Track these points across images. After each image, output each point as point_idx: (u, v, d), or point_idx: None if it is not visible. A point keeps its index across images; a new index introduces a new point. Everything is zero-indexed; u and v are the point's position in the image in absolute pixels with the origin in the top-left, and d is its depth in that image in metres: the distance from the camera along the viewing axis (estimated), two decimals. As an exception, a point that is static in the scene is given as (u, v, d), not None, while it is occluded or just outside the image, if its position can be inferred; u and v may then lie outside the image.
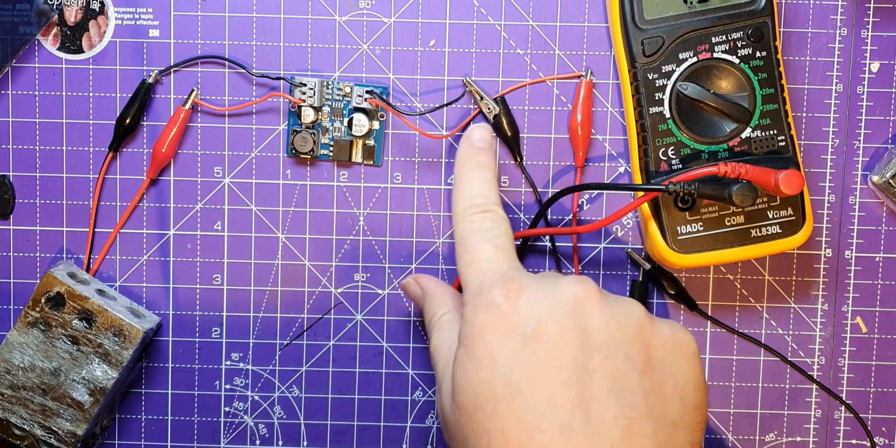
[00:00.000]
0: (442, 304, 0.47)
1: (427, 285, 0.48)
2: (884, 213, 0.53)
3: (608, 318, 0.41)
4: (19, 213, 0.53)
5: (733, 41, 0.49)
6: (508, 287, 0.41)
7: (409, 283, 0.50)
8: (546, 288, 0.42)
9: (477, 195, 0.46)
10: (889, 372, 0.53)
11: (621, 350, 0.40)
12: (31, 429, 0.51)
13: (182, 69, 0.52)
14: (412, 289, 0.49)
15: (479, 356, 0.40)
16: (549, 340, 0.40)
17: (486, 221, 0.45)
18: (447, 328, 0.45)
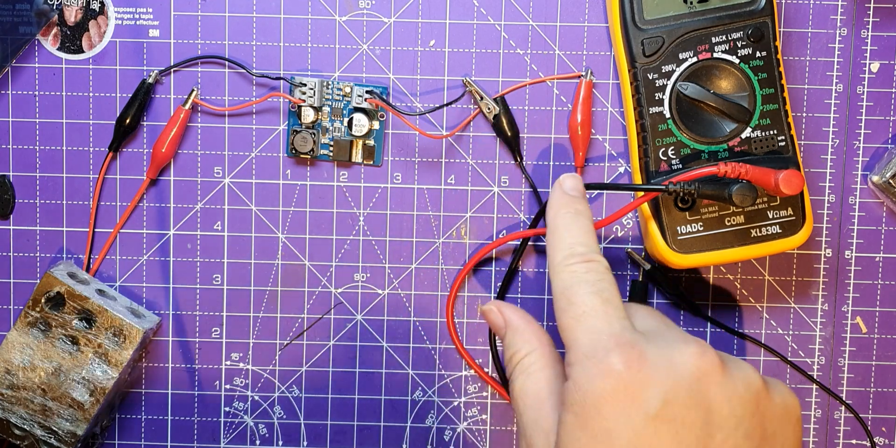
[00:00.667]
0: (527, 343, 0.44)
1: (511, 318, 0.45)
2: (884, 213, 0.53)
3: (730, 394, 0.39)
4: (19, 213, 0.53)
5: (733, 41, 0.49)
6: (629, 354, 0.38)
7: (491, 311, 0.46)
8: (668, 358, 0.39)
9: (577, 243, 0.43)
10: (889, 372, 0.53)
11: (741, 427, 0.39)
12: (31, 429, 0.51)
13: (182, 69, 0.52)
14: (493, 317, 0.46)
15: (595, 430, 0.38)
16: (673, 420, 0.38)
17: (591, 273, 0.42)
18: (535, 371, 0.43)
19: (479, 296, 0.53)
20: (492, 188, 0.53)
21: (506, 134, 0.52)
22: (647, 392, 0.38)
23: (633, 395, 0.38)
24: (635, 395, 0.38)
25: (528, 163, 0.53)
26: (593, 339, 0.39)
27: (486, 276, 0.53)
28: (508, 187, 0.53)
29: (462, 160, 0.53)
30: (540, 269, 0.53)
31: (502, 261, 0.53)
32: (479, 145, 0.53)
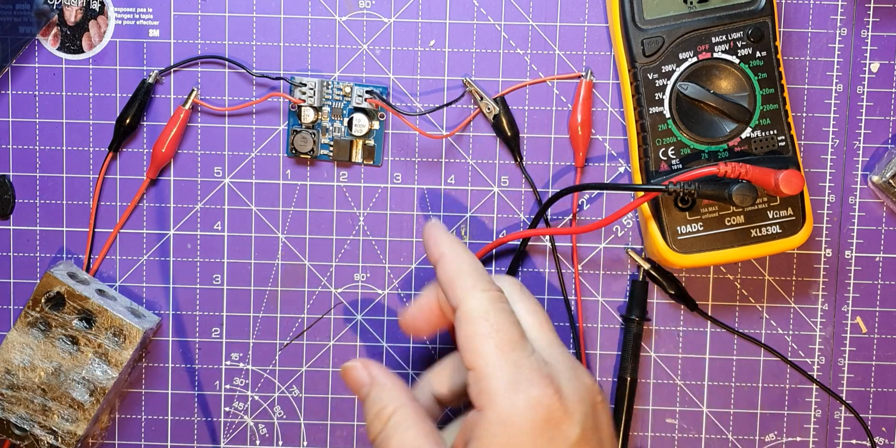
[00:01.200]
0: (395, 398, 0.43)
1: (377, 374, 0.44)
2: (884, 213, 0.53)
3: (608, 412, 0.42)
4: (19, 213, 0.53)
5: (733, 41, 0.49)
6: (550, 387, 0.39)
7: (355, 368, 0.45)
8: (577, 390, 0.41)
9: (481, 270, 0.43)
10: (889, 372, 0.53)
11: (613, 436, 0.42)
12: (31, 429, 0.51)
13: (182, 69, 0.52)
14: (357, 374, 0.45)
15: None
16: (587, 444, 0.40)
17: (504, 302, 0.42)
18: (411, 425, 0.42)
19: (479, 296, 0.53)
20: (492, 188, 0.53)
21: (506, 134, 0.52)
22: (568, 422, 0.39)
23: (556, 426, 0.39)
24: (558, 425, 0.39)
25: (528, 163, 0.53)
26: (516, 372, 0.40)
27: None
28: (508, 187, 0.53)
29: (462, 160, 0.53)
30: (540, 269, 0.53)
31: (502, 261, 0.53)
32: (479, 145, 0.53)
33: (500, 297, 0.42)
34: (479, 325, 0.41)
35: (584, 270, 0.53)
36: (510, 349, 0.40)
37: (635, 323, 0.52)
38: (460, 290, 0.42)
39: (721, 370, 0.53)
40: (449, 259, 0.43)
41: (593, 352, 0.53)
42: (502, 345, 0.40)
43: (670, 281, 0.53)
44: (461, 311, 0.41)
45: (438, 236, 0.44)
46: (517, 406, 0.39)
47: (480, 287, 0.42)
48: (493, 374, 0.40)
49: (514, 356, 0.40)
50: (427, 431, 0.42)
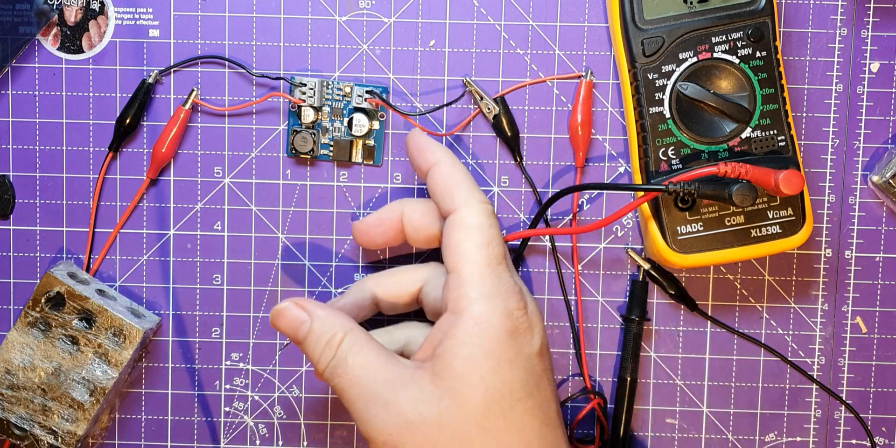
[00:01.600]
0: (340, 324, 0.44)
1: (313, 309, 0.44)
2: (884, 213, 0.53)
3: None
4: (19, 213, 0.53)
5: (733, 41, 0.49)
6: (521, 301, 0.44)
7: (288, 309, 0.44)
8: (536, 307, 0.45)
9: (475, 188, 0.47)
10: (889, 372, 0.53)
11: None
12: (31, 429, 0.51)
13: (182, 69, 0.52)
14: (293, 313, 0.44)
15: (500, 359, 0.42)
16: (545, 356, 0.45)
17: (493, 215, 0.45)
18: (359, 349, 0.43)
19: (479, 296, 0.53)
20: (492, 188, 0.53)
21: (506, 134, 0.52)
22: (531, 335, 0.44)
23: (524, 335, 0.43)
24: (526, 334, 0.43)
25: (528, 163, 0.53)
26: (497, 284, 0.43)
27: (486, 276, 0.53)
28: (508, 187, 0.53)
29: (462, 160, 0.53)
30: (540, 269, 0.53)
31: (502, 261, 0.53)
32: (479, 145, 0.53)
33: (493, 213, 0.45)
34: (473, 234, 0.44)
35: (584, 270, 0.53)
36: (496, 263, 0.43)
37: (635, 323, 0.52)
38: (458, 197, 0.45)
39: (721, 370, 0.53)
40: (446, 166, 0.46)
41: (593, 352, 0.53)
42: (490, 257, 0.43)
43: (670, 281, 0.53)
44: (457, 217, 0.44)
45: (429, 143, 0.47)
46: (493, 313, 0.43)
47: (478, 198, 0.45)
48: (476, 281, 0.43)
49: (498, 270, 0.43)
50: (379, 349, 0.44)
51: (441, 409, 0.42)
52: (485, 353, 0.42)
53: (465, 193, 0.45)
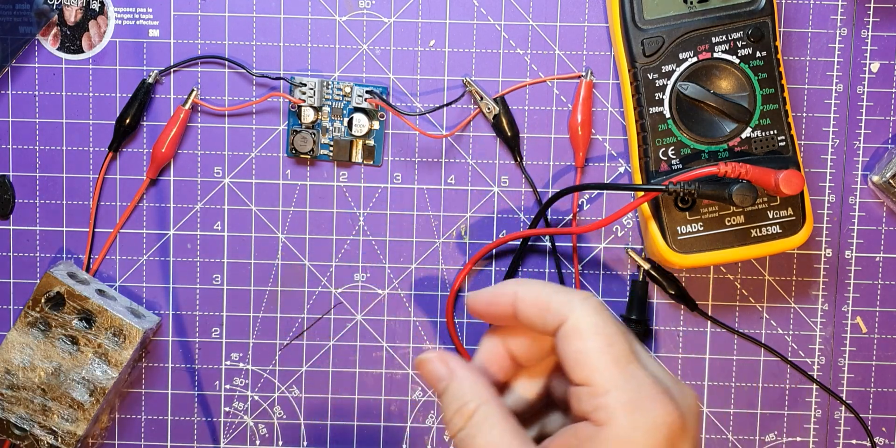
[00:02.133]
0: (477, 394, 0.41)
1: (456, 367, 0.41)
2: (884, 213, 0.53)
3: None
4: (19, 213, 0.53)
5: (733, 41, 0.49)
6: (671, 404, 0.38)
7: (431, 361, 0.42)
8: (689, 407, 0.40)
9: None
10: (889, 372, 0.53)
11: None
12: (31, 429, 0.51)
13: (182, 69, 0.52)
14: (434, 367, 0.42)
15: None
16: None
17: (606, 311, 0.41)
18: (496, 423, 0.40)
19: (479, 296, 0.53)
20: (492, 188, 0.53)
21: (506, 134, 0.52)
22: (684, 440, 0.38)
23: (674, 445, 0.38)
24: (676, 444, 0.38)
25: (528, 163, 0.53)
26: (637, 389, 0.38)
27: (486, 276, 0.53)
28: (508, 187, 0.53)
29: (462, 160, 0.53)
30: (540, 269, 0.53)
31: (502, 261, 0.53)
32: (479, 145, 0.53)
33: (602, 306, 0.40)
34: (592, 339, 0.39)
35: (584, 270, 0.53)
36: (626, 363, 0.39)
37: (635, 323, 0.52)
38: (560, 306, 0.40)
39: (721, 370, 0.53)
40: (525, 291, 0.41)
41: (593, 352, 0.53)
42: (618, 359, 0.38)
43: (670, 281, 0.53)
44: (568, 327, 0.39)
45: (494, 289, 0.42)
46: (639, 427, 0.38)
47: (579, 297, 0.40)
48: (611, 391, 0.38)
49: (630, 370, 0.38)
50: (513, 429, 0.40)
51: None
52: None
53: (563, 299, 0.39)
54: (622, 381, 0.38)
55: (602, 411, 0.38)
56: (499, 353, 0.43)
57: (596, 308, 0.39)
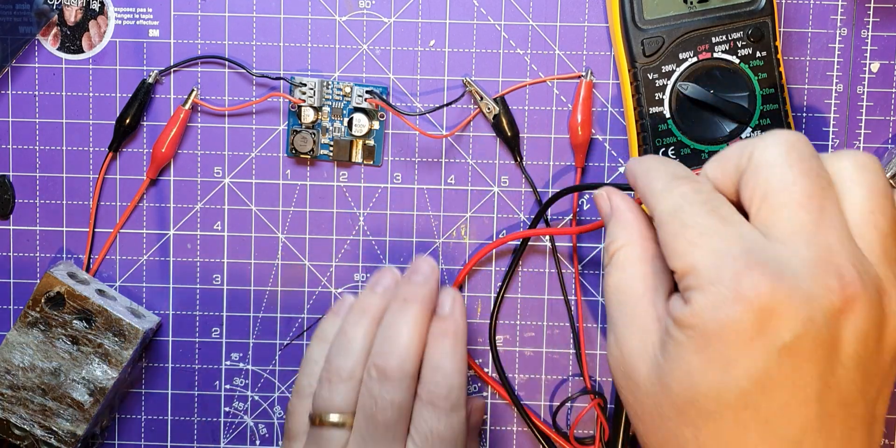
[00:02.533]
0: (625, 233, 0.40)
1: (617, 204, 0.42)
2: (884, 213, 0.53)
3: (860, 333, 0.36)
4: (19, 213, 0.53)
5: (733, 41, 0.49)
6: (759, 278, 0.34)
7: (601, 197, 0.42)
8: (805, 288, 0.35)
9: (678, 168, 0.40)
10: (889, 372, 0.53)
11: (861, 366, 0.36)
12: (31, 429, 0.51)
13: (182, 69, 0.52)
14: (601, 202, 0.42)
15: (712, 356, 0.35)
16: (799, 355, 0.35)
17: (702, 193, 0.38)
18: (630, 265, 0.40)
19: (479, 296, 0.53)
20: (492, 188, 0.53)
21: (506, 134, 0.52)
22: (778, 323, 0.35)
23: (761, 325, 0.35)
24: (764, 325, 0.35)
25: (528, 163, 0.53)
26: (716, 263, 0.35)
27: (486, 275, 0.53)
28: (508, 187, 0.53)
29: (462, 160, 0.53)
30: (540, 269, 0.53)
31: (502, 261, 0.53)
32: (479, 145, 0.53)
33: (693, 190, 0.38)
34: (671, 225, 0.37)
35: (584, 270, 0.53)
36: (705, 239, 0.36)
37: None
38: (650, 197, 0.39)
39: (721, 370, 0.53)
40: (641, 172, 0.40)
41: (593, 352, 0.53)
42: (695, 238, 0.36)
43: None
44: (655, 217, 0.38)
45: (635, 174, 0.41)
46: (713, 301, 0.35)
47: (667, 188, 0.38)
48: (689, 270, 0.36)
49: (711, 246, 0.36)
50: (647, 274, 0.39)
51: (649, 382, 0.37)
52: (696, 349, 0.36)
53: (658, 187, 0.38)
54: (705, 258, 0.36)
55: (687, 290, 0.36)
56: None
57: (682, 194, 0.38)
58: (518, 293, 0.53)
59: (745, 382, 0.35)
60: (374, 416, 0.44)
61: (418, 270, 0.47)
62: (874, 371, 0.36)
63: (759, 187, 0.37)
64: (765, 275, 0.34)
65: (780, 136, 0.37)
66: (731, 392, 0.35)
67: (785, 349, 0.34)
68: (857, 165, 0.38)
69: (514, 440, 0.54)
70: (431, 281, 0.47)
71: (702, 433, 0.36)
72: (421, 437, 0.45)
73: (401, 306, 0.46)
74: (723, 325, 0.35)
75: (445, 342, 0.45)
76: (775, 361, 0.35)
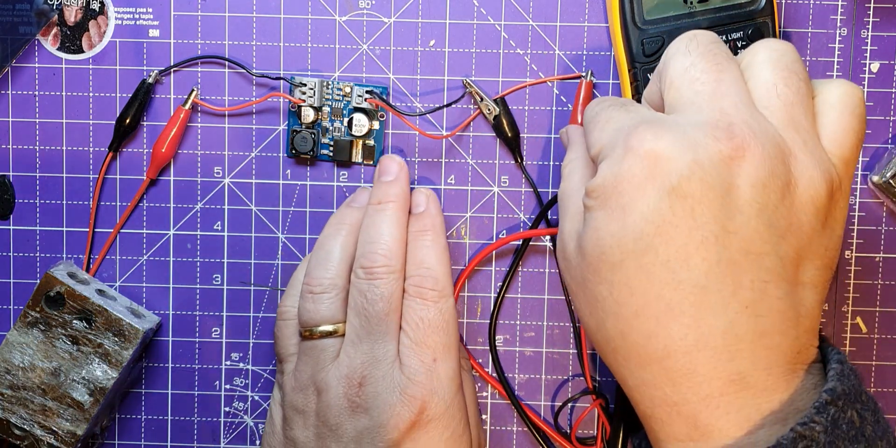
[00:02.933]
0: (573, 151, 0.47)
1: (571, 133, 0.48)
2: (884, 213, 0.53)
3: (755, 180, 0.38)
4: (19, 213, 0.53)
5: (733, 41, 0.49)
6: (645, 131, 0.38)
7: (563, 132, 0.50)
8: (691, 137, 0.38)
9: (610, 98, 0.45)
10: (889, 372, 0.53)
11: (764, 214, 0.38)
12: (31, 429, 0.51)
13: (182, 69, 0.52)
14: (563, 137, 0.50)
15: (612, 207, 0.38)
16: (690, 196, 0.37)
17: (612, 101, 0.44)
18: (571, 173, 0.45)
19: (479, 296, 0.53)
20: (492, 188, 0.53)
21: (506, 134, 0.52)
22: (665, 167, 0.38)
23: (649, 171, 0.38)
24: (652, 170, 0.38)
25: (528, 163, 0.53)
26: (615, 135, 0.40)
27: (487, 276, 0.53)
28: (508, 187, 0.53)
29: (462, 160, 0.53)
30: (540, 269, 0.53)
31: (502, 261, 0.53)
32: (479, 145, 0.53)
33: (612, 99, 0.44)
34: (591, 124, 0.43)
35: (584, 270, 0.53)
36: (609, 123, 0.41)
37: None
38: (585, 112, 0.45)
39: (721, 370, 0.53)
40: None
41: (594, 351, 0.53)
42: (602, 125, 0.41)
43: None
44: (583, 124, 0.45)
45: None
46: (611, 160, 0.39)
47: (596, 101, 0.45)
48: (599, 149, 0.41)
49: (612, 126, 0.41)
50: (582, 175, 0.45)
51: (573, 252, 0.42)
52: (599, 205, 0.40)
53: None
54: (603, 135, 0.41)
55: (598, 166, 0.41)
56: None
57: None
58: (518, 293, 0.53)
59: (642, 225, 0.38)
60: (366, 310, 0.46)
61: (388, 171, 0.50)
62: (782, 225, 0.38)
63: (666, 77, 0.41)
64: (651, 129, 0.38)
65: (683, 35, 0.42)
66: (630, 237, 0.38)
67: (674, 190, 0.37)
68: (766, 48, 0.41)
69: (514, 440, 0.54)
70: (402, 179, 0.50)
71: (615, 288, 0.39)
72: (412, 326, 0.47)
73: (377, 208, 0.49)
74: (617, 177, 0.38)
75: (426, 237, 0.49)
76: (667, 203, 0.37)
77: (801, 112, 0.40)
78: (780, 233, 0.38)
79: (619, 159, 0.39)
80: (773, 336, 0.38)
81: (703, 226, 0.37)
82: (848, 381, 0.37)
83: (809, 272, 0.40)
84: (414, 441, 0.46)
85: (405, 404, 0.45)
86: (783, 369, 0.38)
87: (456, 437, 0.47)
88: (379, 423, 0.45)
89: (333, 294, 0.48)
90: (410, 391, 0.46)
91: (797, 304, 0.39)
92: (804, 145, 0.39)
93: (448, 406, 0.46)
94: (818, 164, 0.39)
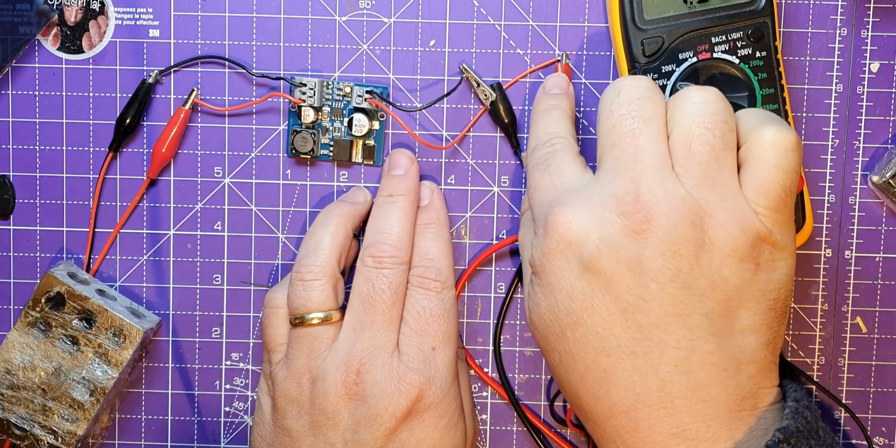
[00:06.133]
0: (525, 201, 0.49)
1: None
2: (884, 213, 0.53)
3: (664, 249, 0.40)
4: (19, 213, 0.53)
5: (733, 41, 0.49)
6: (559, 215, 0.42)
7: (523, 157, 0.51)
8: (598, 214, 0.41)
9: (543, 133, 0.47)
10: (889, 372, 0.53)
11: (678, 278, 0.40)
12: (31, 429, 0.51)
13: (182, 69, 0.52)
14: (523, 161, 0.51)
15: (543, 283, 0.42)
16: (602, 273, 0.40)
17: (548, 155, 0.46)
18: (523, 226, 0.48)
19: (479, 296, 0.53)
20: (492, 188, 0.53)
21: (503, 121, 0.52)
22: (577, 248, 0.41)
23: (564, 251, 0.41)
24: (566, 251, 0.41)
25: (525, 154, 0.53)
26: (539, 212, 0.43)
27: (487, 276, 0.53)
28: (508, 187, 0.53)
29: (462, 160, 0.53)
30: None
31: (502, 261, 0.53)
32: (480, 145, 0.53)
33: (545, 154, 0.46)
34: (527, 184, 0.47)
35: (584, 270, 0.53)
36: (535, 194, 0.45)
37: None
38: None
39: (721, 370, 0.53)
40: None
41: (593, 352, 0.53)
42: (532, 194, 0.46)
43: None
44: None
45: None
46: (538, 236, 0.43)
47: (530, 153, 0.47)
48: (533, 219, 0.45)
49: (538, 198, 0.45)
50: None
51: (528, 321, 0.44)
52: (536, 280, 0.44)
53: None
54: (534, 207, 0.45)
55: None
56: None
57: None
58: (518, 293, 0.53)
59: (568, 302, 0.41)
60: (372, 298, 0.47)
61: (398, 164, 0.51)
62: (702, 284, 0.40)
63: (597, 132, 0.44)
64: (564, 210, 0.41)
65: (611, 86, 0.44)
66: (563, 312, 0.41)
67: (588, 268, 0.40)
68: (687, 101, 0.42)
69: (514, 440, 0.54)
70: (412, 173, 0.51)
71: (562, 357, 0.42)
72: (413, 316, 0.47)
73: (388, 200, 0.50)
74: (543, 256, 0.42)
75: (430, 230, 0.50)
76: (584, 280, 0.41)
77: (715, 169, 0.41)
78: (701, 292, 0.40)
79: (542, 238, 0.42)
80: (709, 389, 0.40)
81: (620, 297, 0.40)
82: (802, 419, 0.39)
83: (746, 319, 0.41)
84: (410, 429, 0.46)
85: (402, 392, 0.46)
86: (724, 419, 0.40)
87: (451, 425, 0.47)
88: (376, 412, 0.46)
89: (324, 281, 0.48)
90: (408, 379, 0.46)
91: (735, 353, 0.40)
92: (720, 202, 0.40)
93: (444, 395, 0.47)
94: (735, 219, 0.40)
